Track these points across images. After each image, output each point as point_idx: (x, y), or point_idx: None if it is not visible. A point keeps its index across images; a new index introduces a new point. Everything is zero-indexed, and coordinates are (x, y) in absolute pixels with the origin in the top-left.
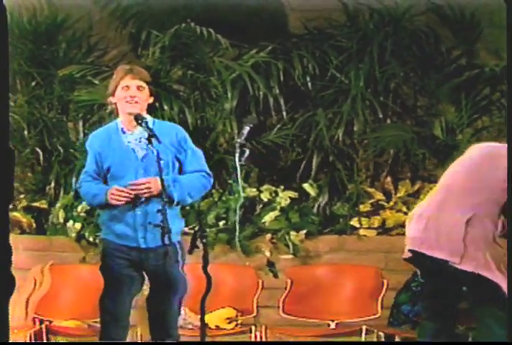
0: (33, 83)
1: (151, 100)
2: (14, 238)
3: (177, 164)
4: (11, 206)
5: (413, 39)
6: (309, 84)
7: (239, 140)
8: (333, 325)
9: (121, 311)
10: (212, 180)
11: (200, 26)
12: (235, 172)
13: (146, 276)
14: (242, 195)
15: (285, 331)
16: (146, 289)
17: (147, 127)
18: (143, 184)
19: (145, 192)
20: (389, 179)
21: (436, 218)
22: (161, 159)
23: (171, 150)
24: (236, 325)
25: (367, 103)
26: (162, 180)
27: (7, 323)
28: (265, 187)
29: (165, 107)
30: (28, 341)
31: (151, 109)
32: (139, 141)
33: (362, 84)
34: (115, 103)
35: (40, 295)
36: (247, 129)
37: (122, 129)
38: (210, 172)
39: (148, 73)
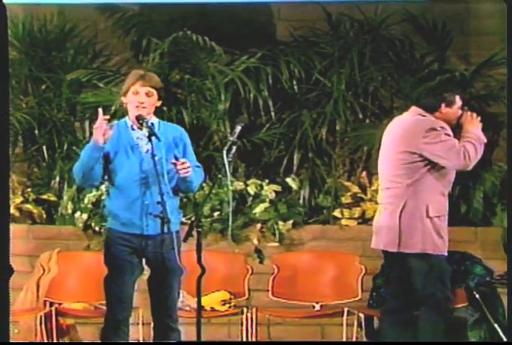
0: (43, 87)
1: (159, 103)
2: (26, 228)
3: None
4: (22, 199)
5: (389, 46)
6: (295, 87)
7: (231, 138)
8: (317, 307)
9: (125, 294)
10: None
11: (196, 35)
12: (224, 167)
13: (145, 262)
14: (231, 188)
15: (274, 313)
16: (146, 273)
17: (148, 126)
18: (185, 163)
19: (187, 172)
20: (364, 174)
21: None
22: (155, 155)
23: (173, 148)
24: (230, 307)
25: (348, 105)
26: (157, 173)
27: (7, 323)
28: (251, 181)
29: (164, 108)
30: (38, 323)
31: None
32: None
33: (344, 87)
34: (126, 103)
35: (49, 279)
36: (238, 128)
37: (132, 126)
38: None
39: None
